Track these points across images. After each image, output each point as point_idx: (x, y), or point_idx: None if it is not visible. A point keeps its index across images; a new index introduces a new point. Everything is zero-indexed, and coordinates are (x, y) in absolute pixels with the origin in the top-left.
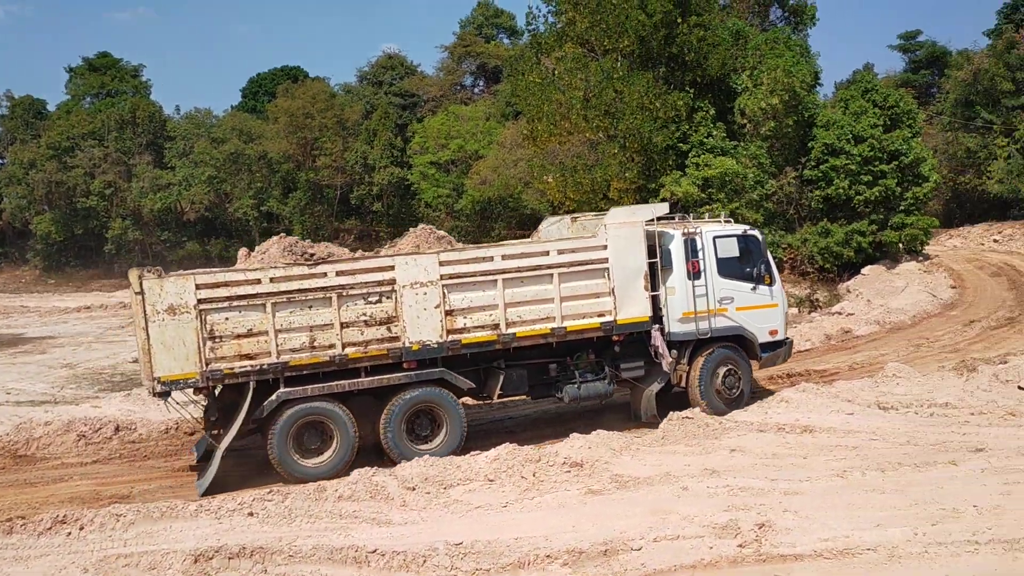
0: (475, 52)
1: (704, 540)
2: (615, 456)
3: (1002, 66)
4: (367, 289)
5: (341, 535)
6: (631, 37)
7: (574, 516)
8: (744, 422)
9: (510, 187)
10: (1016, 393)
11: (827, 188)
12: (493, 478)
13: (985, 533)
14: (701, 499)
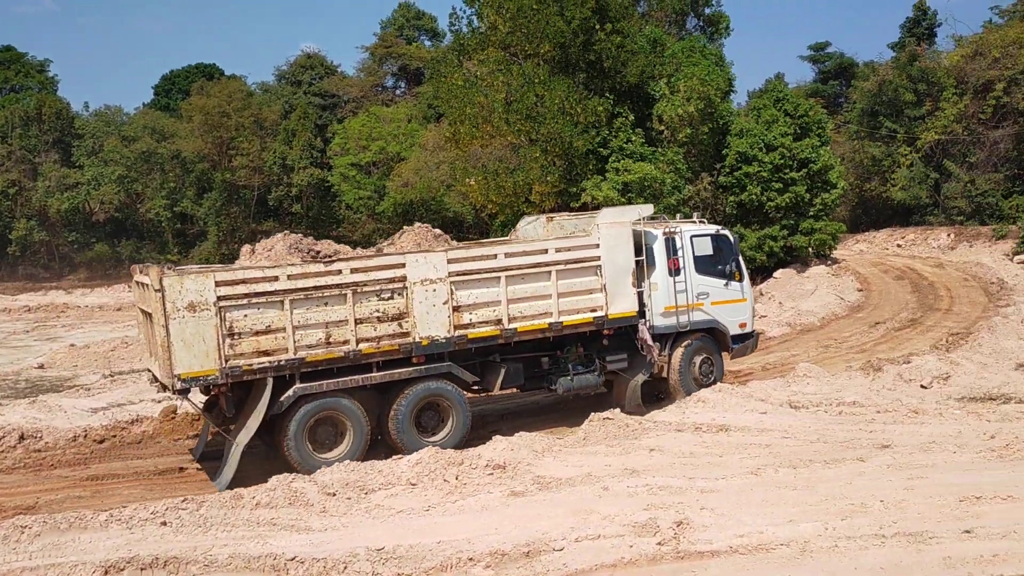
0: (396, 53)
1: (624, 539)
2: (538, 458)
3: (905, 78)
4: (380, 286)
5: (259, 543)
6: (551, 43)
7: (497, 518)
8: (663, 422)
9: (432, 189)
10: (919, 392)
11: (741, 194)
12: (415, 482)
13: (891, 526)
14: (621, 498)
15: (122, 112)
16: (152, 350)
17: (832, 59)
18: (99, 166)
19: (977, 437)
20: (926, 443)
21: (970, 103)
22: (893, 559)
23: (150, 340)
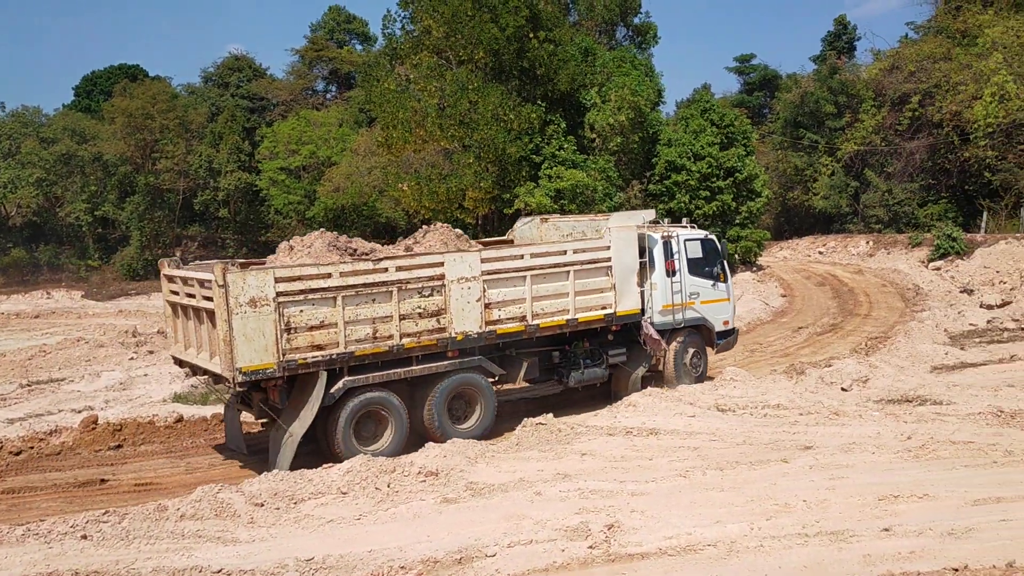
0: (327, 57)
1: (556, 543)
2: (470, 464)
3: (826, 90)
4: (421, 284)
5: (184, 556)
6: (485, 49)
7: (429, 526)
8: (594, 427)
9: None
10: (839, 394)
11: (670, 202)
12: (346, 491)
13: (814, 526)
14: (553, 503)
15: (40, 113)
16: (197, 344)
17: (757, 71)
18: (16, 168)
19: (895, 438)
20: (847, 444)
21: (887, 115)
22: (816, 558)
23: (195, 335)
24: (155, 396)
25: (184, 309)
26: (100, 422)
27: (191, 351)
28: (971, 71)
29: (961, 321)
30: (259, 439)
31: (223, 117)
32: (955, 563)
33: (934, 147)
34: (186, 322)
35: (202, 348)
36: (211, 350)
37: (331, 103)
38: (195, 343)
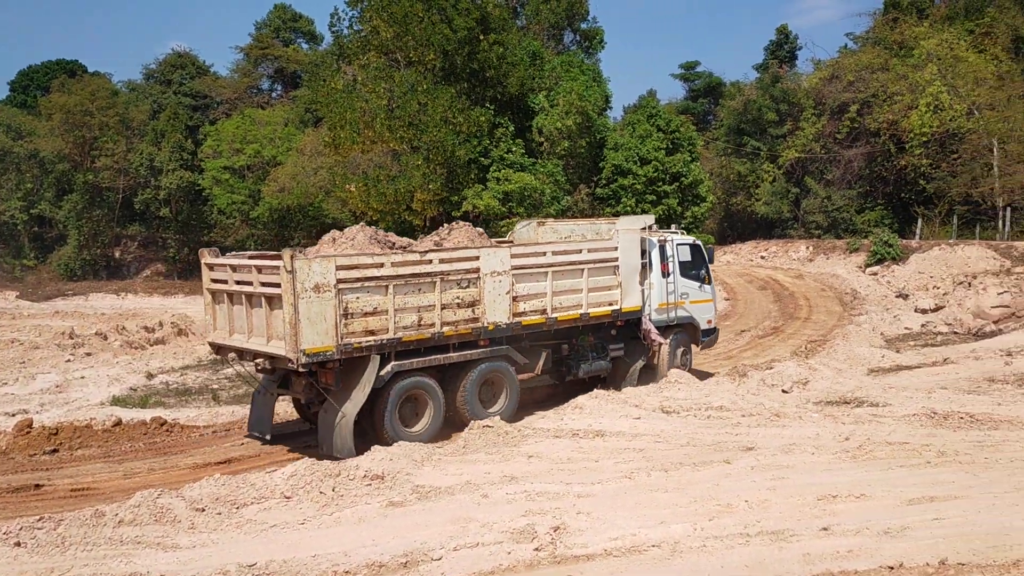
0: (272, 55)
1: (503, 546)
2: (417, 467)
3: (768, 98)
4: (460, 276)
5: (122, 562)
6: (435, 51)
7: (374, 530)
8: (541, 429)
9: (310, 195)
10: (780, 396)
11: (617, 206)
12: (290, 495)
13: (755, 526)
14: (500, 505)
15: None
16: (248, 329)
17: (702, 78)
18: None
19: (833, 439)
20: (787, 445)
21: (827, 123)
22: (757, 557)
23: (246, 320)
24: (93, 399)
25: (231, 296)
26: (35, 426)
27: (238, 336)
28: (907, 82)
29: (897, 325)
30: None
31: (165, 115)
32: (891, 561)
33: (871, 155)
34: (232, 308)
35: (254, 333)
36: (268, 334)
37: (276, 102)
38: (246, 328)
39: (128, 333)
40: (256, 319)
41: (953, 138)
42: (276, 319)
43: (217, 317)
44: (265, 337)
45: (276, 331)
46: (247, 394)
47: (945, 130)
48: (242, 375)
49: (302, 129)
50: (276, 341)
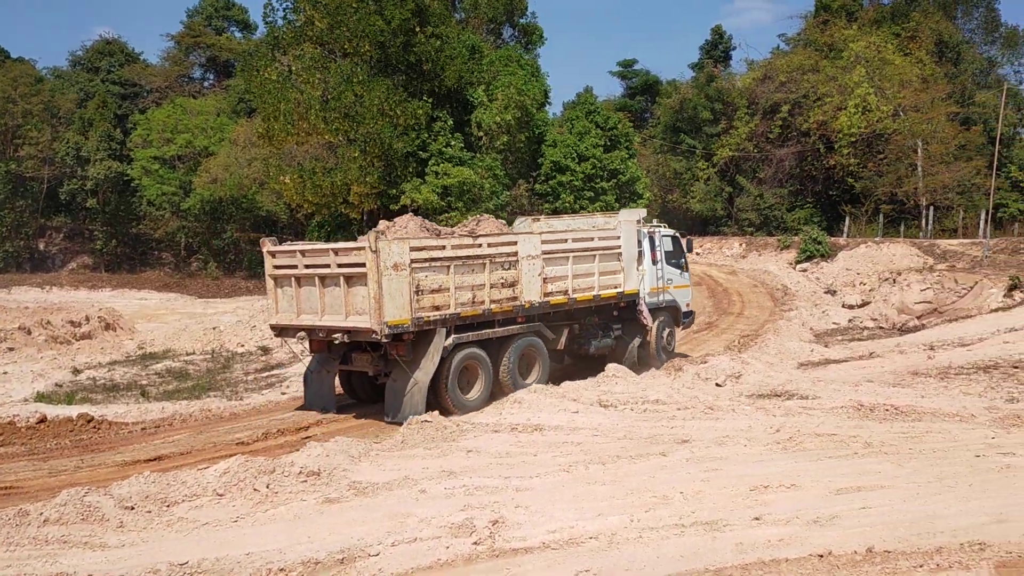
0: (205, 44)
1: (441, 540)
2: (354, 463)
3: (703, 97)
4: (504, 259)
5: (47, 563)
6: (370, 42)
7: (310, 526)
8: (480, 423)
9: (243, 187)
10: (714, 389)
11: (555, 202)
12: (223, 492)
13: (689, 516)
14: (438, 500)
15: None
16: (321, 308)
17: (639, 76)
18: None
19: (765, 431)
20: (721, 437)
21: (760, 123)
22: (691, 547)
23: (318, 300)
24: (16, 395)
25: (299, 279)
26: None
27: (307, 316)
28: (836, 83)
29: (825, 320)
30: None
31: (93, 103)
32: (820, 549)
33: (802, 154)
34: (300, 291)
35: (327, 311)
36: (346, 311)
37: (209, 91)
38: (318, 308)
39: (53, 327)
40: (330, 298)
41: (879, 139)
42: (355, 296)
43: (280, 301)
44: (343, 314)
45: (355, 307)
46: (177, 390)
47: (872, 131)
48: (298, 355)
49: (235, 119)
50: (355, 316)
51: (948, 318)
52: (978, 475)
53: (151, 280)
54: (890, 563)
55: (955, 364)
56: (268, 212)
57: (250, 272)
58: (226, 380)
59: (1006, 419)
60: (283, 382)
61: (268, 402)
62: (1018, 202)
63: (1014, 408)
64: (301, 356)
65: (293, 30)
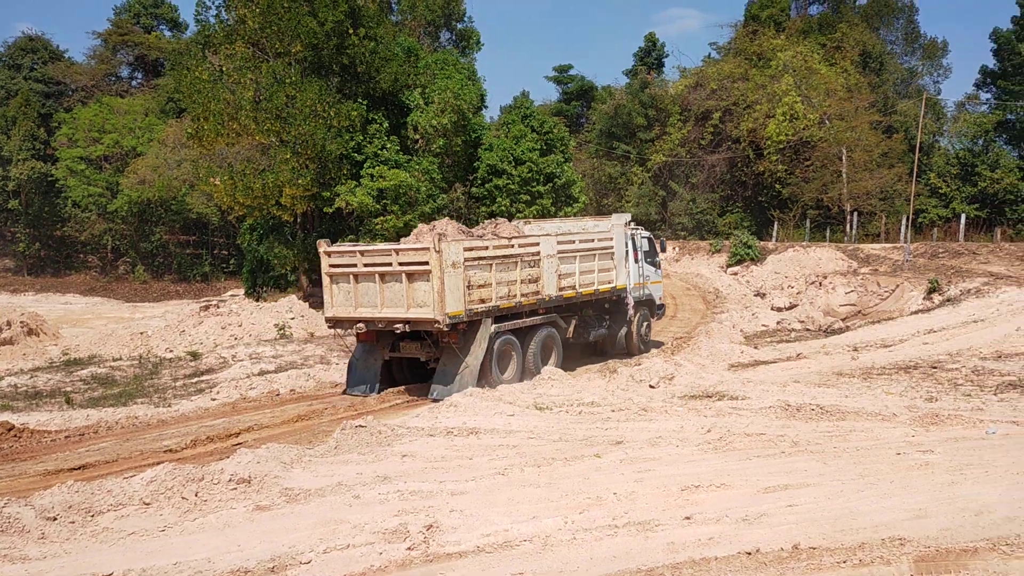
0: (133, 42)
1: (374, 546)
2: (286, 469)
3: (637, 103)
4: (530, 257)
5: None
6: (303, 43)
7: (240, 535)
8: (415, 428)
9: (173, 188)
10: (648, 391)
11: (491, 205)
12: (149, 501)
13: (622, 517)
14: (372, 506)
15: None
16: (380, 302)
17: (574, 81)
18: None
19: (696, 431)
20: (654, 438)
21: (692, 129)
22: (624, 547)
23: (378, 295)
24: None
25: (357, 276)
26: None
27: (365, 309)
28: (765, 91)
29: (755, 322)
30: None
31: (16, 102)
32: (749, 547)
33: (733, 160)
34: (358, 287)
35: (386, 304)
36: (407, 304)
37: (137, 91)
38: (377, 302)
39: None
40: (390, 293)
41: (806, 146)
42: (417, 291)
43: (335, 296)
44: (404, 306)
45: (417, 300)
46: (103, 397)
47: (799, 138)
48: (347, 346)
49: (164, 119)
50: (416, 308)
51: (871, 320)
52: (899, 472)
53: (76, 284)
54: (815, 559)
55: (877, 365)
56: (198, 214)
57: (180, 275)
58: (154, 386)
59: (925, 418)
60: (213, 388)
61: (197, 408)
62: (937, 208)
63: (933, 407)
64: (349, 348)
65: (225, 29)
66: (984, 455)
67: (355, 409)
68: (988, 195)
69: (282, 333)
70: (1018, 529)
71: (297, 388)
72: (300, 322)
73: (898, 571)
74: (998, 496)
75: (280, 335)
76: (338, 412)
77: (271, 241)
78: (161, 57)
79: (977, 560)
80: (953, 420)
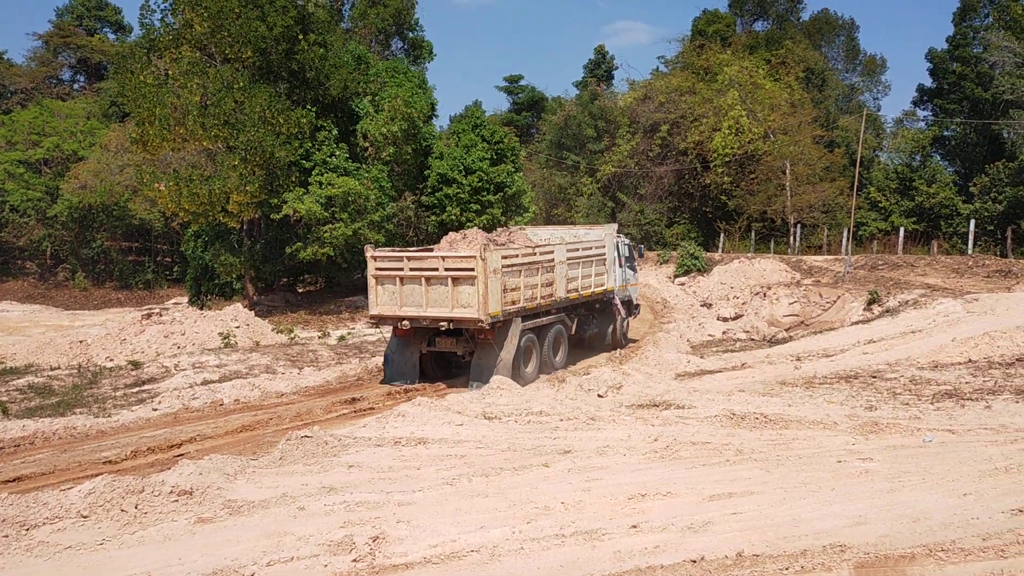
0: (75, 44)
1: (319, 559)
2: (229, 481)
3: (587, 114)
4: (547, 264)
5: None
6: (252, 48)
7: (181, 548)
8: (362, 438)
9: (115, 194)
10: (596, 400)
11: (442, 214)
12: (88, 514)
13: (570, 526)
14: (317, 518)
15: None
16: (425, 302)
17: (525, 91)
18: None
19: (643, 440)
20: (601, 447)
21: (641, 141)
22: (571, 556)
23: (423, 296)
24: None
25: (403, 279)
26: None
27: (410, 308)
28: (712, 105)
29: (701, 332)
30: None
31: None
32: (694, 555)
33: (680, 172)
34: (403, 288)
35: (430, 305)
36: (452, 304)
37: (79, 94)
38: (422, 302)
39: None
40: (435, 294)
41: (751, 159)
42: (462, 293)
43: (380, 296)
44: (449, 307)
45: (461, 302)
46: (40, 407)
47: (744, 151)
48: (385, 339)
49: (107, 123)
50: (460, 308)
51: (813, 330)
52: (839, 480)
53: (13, 291)
54: (758, 566)
55: (819, 374)
56: (141, 220)
57: (121, 283)
58: (93, 396)
59: (865, 426)
60: (154, 398)
61: (138, 419)
62: (876, 221)
63: (872, 416)
64: (385, 335)
65: (171, 33)
66: (921, 463)
67: (301, 419)
68: (925, 209)
69: (227, 342)
70: (953, 535)
71: (241, 398)
72: (245, 331)
73: None
74: (934, 503)
75: (225, 344)
76: (283, 422)
77: (216, 248)
78: (104, 60)
79: (915, 566)
80: (892, 428)
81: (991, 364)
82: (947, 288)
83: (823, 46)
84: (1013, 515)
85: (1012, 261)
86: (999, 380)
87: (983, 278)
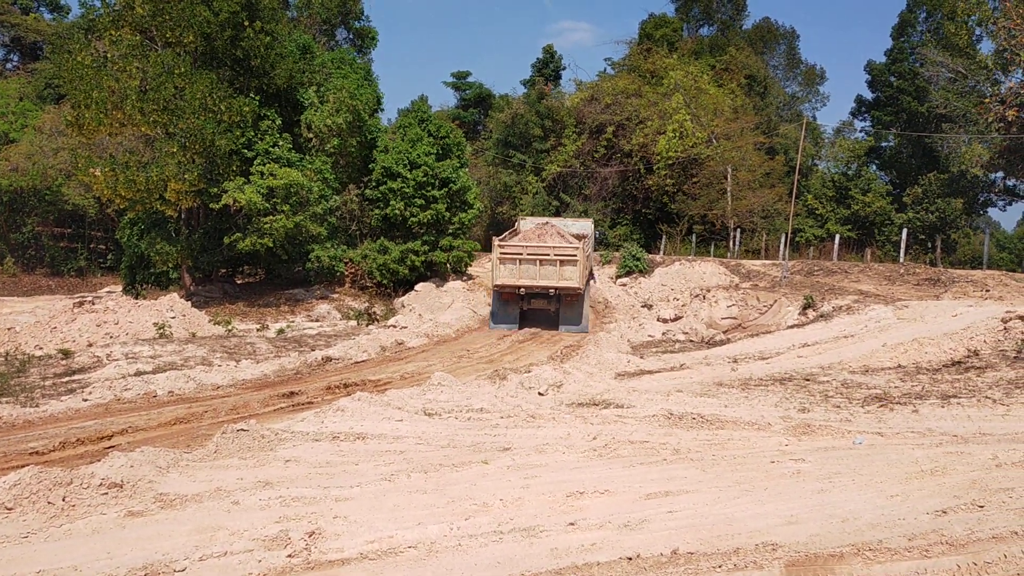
0: (9, 23)
1: (253, 554)
2: (161, 474)
3: (534, 113)
4: (586, 251)
5: None
6: (195, 33)
7: (110, 541)
8: (300, 432)
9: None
10: (537, 398)
11: (385, 208)
12: (12, 506)
13: (508, 523)
14: (252, 512)
15: None
16: (540, 276)
17: (472, 88)
18: None
19: (583, 438)
20: (541, 445)
21: (586, 142)
22: (508, 553)
23: (537, 272)
24: None
25: (521, 260)
26: None
27: (525, 280)
28: (657, 108)
29: (642, 333)
30: None
31: None
32: (630, 552)
33: (624, 174)
34: (521, 266)
35: (542, 278)
36: (558, 278)
37: (12, 74)
38: (536, 276)
39: None
40: (545, 271)
41: (694, 163)
42: (565, 271)
43: (502, 272)
44: (556, 280)
45: (564, 276)
46: None
47: (688, 155)
48: (501, 302)
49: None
50: (564, 280)
51: (750, 333)
52: (773, 480)
53: None
54: (692, 564)
55: (755, 376)
56: (75, 206)
57: (53, 269)
58: (21, 385)
59: (798, 428)
60: (85, 388)
61: (68, 409)
62: (813, 228)
63: (805, 418)
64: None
65: (111, 14)
66: (852, 464)
67: (237, 412)
68: (860, 217)
69: (162, 332)
70: (880, 535)
71: (176, 390)
72: (181, 321)
73: (770, 575)
74: (863, 504)
75: (160, 334)
76: (219, 415)
77: (153, 236)
78: (40, 40)
79: (843, 565)
80: (824, 430)
81: (919, 369)
82: (879, 295)
83: (765, 53)
84: (937, 516)
85: (941, 270)
86: (926, 385)
87: (914, 286)
